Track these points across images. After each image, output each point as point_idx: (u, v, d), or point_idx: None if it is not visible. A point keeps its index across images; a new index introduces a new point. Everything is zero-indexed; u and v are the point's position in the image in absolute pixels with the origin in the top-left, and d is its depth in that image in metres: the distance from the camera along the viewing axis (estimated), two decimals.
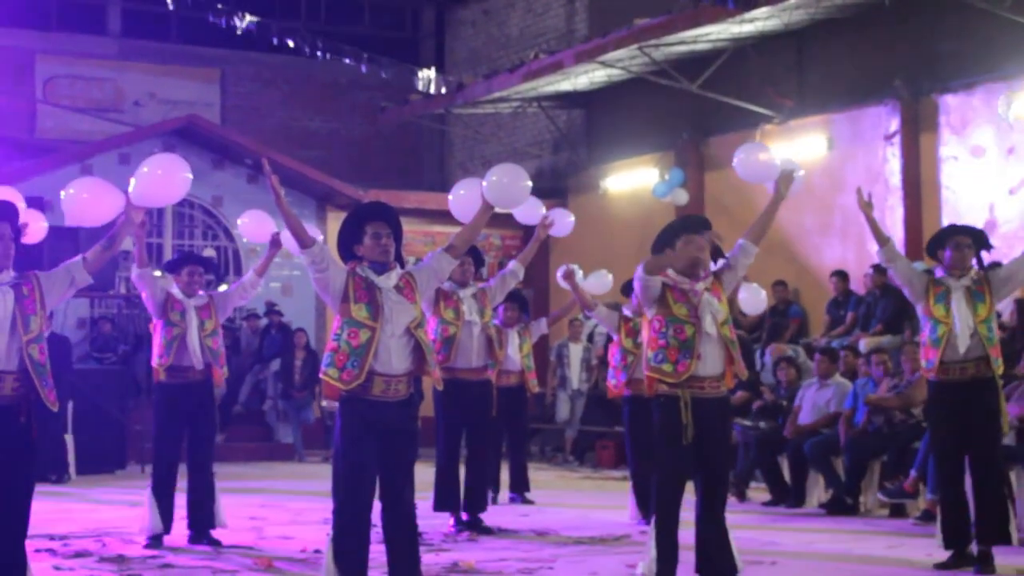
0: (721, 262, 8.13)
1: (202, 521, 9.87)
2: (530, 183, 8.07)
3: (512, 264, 10.76)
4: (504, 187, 7.91)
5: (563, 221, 10.77)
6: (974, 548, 8.63)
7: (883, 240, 8.96)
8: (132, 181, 7.34)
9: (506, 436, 13.34)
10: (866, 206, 8.93)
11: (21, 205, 7.69)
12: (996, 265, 10.37)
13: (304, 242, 7.15)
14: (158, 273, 10.30)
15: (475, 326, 10.53)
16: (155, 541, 9.68)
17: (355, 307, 7.06)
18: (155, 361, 9.89)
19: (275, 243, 9.93)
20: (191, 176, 7.67)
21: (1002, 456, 9.00)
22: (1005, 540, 8.62)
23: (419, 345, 7.15)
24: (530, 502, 13.09)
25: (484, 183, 7.92)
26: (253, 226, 10.34)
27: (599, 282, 12.09)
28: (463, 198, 8.60)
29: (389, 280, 7.15)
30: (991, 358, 8.55)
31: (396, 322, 7.09)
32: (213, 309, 10.00)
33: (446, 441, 10.70)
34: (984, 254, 9.53)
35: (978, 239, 8.93)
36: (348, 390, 7.03)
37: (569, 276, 11.17)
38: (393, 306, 7.09)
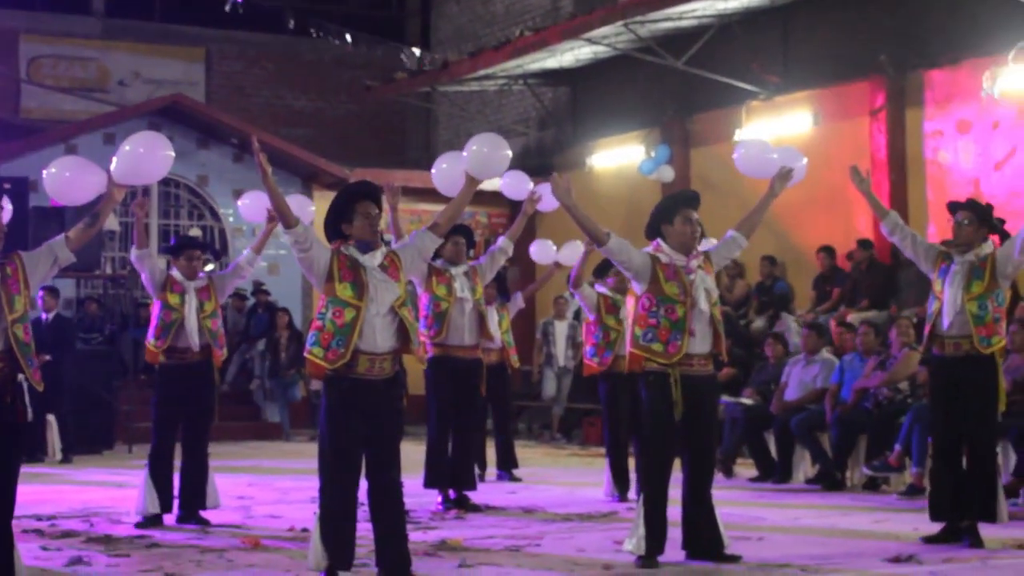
0: (709, 246, 8.22)
1: (194, 501, 9.88)
2: (510, 152, 8.07)
3: (501, 240, 10.76)
4: (485, 157, 7.92)
5: (550, 195, 10.75)
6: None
7: (883, 213, 8.94)
8: (114, 159, 7.33)
9: (491, 413, 13.36)
10: (862, 182, 8.91)
11: None
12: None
13: (288, 222, 7.14)
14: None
15: (467, 303, 10.52)
16: (150, 521, 9.67)
17: (340, 286, 7.07)
18: (151, 343, 9.86)
19: (272, 218, 9.89)
20: (173, 154, 7.65)
21: (994, 434, 8.97)
22: (991, 518, 8.62)
23: (403, 323, 7.16)
24: (517, 479, 13.11)
25: (465, 154, 7.94)
26: (254, 207, 10.28)
27: (573, 253, 12.06)
28: (445, 172, 8.63)
29: (374, 259, 7.16)
30: (976, 336, 8.51)
31: (381, 300, 7.10)
32: (212, 291, 9.99)
33: (437, 418, 10.68)
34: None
35: (980, 214, 8.82)
36: (333, 369, 7.05)
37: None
38: (378, 284, 7.10)
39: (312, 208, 10.03)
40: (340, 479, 7.07)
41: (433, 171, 8.83)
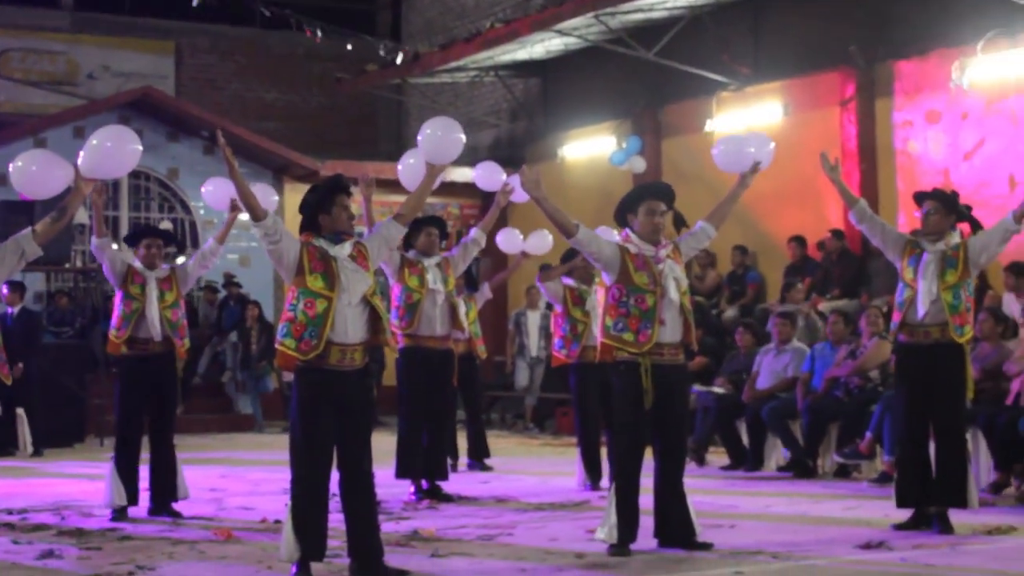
0: (680, 237, 8.28)
1: (164, 493, 9.86)
2: (463, 135, 8.08)
3: (474, 232, 10.80)
4: (439, 140, 7.95)
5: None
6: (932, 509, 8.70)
7: (852, 201, 8.96)
8: (81, 154, 7.31)
9: (462, 404, 13.36)
10: (831, 170, 8.94)
11: None
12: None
13: (257, 215, 7.15)
14: (115, 247, 10.25)
15: (439, 295, 10.53)
16: (118, 514, 9.66)
17: (311, 278, 7.08)
18: (112, 333, 9.83)
19: (235, 207, 9.87)
20: (140, 147, 7.64)
21: (963, 421, 9.02)
22: (962, 504, 8.68)
23: (374, 313, 7.18)
24: (489, 468, 13.13)
25: (419, 137, 7.97)
26: (218, 193, 10.24)
27: (540, 242, 12.10)
28: (412, 167, 8.65)
29: (344, 250, 7.17)
30: (952, 325, 8.55)
31: (352, 291, 7.11)
32: (174, 281, 9.94)
33: (409, 409, 10.69)
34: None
35: (947, 203, 8.86)
36: (305, 360, 7.06)
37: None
38: (350, 275, 7.12)
39: (275, 198, 9.99)
40: (312, 470, 7.08)
41: (399, 167, 8.83)
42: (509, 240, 12.46)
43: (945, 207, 8.79)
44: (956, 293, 8.57)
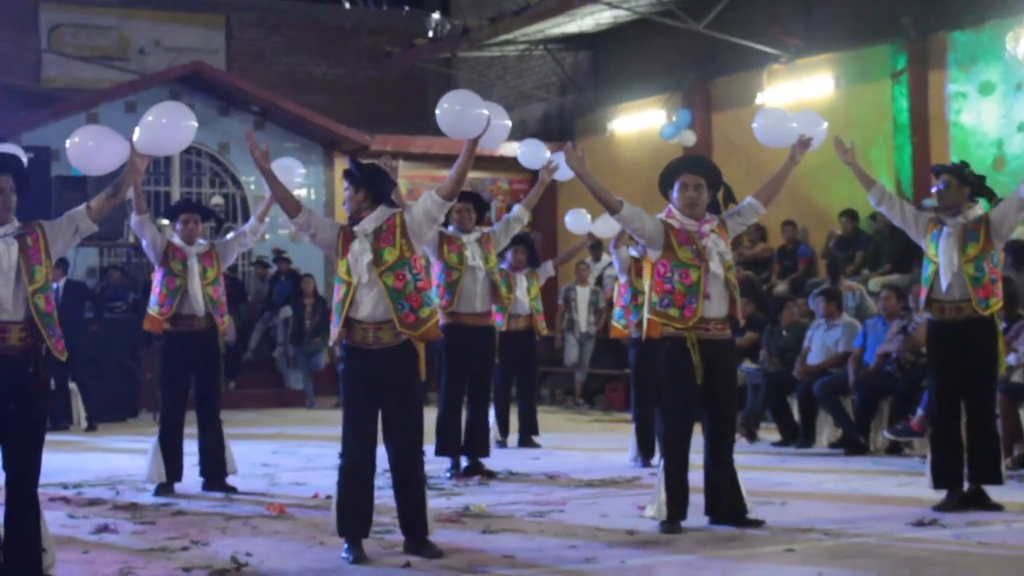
0: (728, 211, 8.23)
1: (214, 469, 9.92)
2: (486, 110, 7.82)
3: (516, 209, 10.77)
4: (456, 115, 7.82)
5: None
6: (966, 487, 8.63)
7: (869, 183, 8.92)
8: (137, 130, 7.33)
9: (516, 379, 13.33)
10: (845, 153, 8.89)
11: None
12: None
13: (290, 212, 7.30)
14: (165, 222, 10.28)
15: (479, 271, 10.49)
16: (160, 490, 9.72)
17: (341, 263, 7.27)
18: (154, 310, 9.86)
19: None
20: (195, 124, 7.66)
21: (995, 396, 8.93)
22: (996, 480, 8.61)
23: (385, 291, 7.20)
24: (536, 445, 13.09)
25: (437, 112, 7.86)
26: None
27: (607, 224, 11.96)
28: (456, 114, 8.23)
29: (367, 225, 7.24)
30: (974, 298, 8.46)
31: (359, 270, 7.17)
32: (215, 257, 9.97)
33: (448, 386, 10.66)
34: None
35: (960, 176, 8.77)
36: (344, 343, 7.21)
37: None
38: (358, 255, 7.16)
39: (302, 170, 9.92)
40: (353, 446, 7.13)
41: (437, 112, 8.38)
42: (576, 220, 12.44)
43: (958, 179, 8.71)
44: (978, 266, 8.47)
